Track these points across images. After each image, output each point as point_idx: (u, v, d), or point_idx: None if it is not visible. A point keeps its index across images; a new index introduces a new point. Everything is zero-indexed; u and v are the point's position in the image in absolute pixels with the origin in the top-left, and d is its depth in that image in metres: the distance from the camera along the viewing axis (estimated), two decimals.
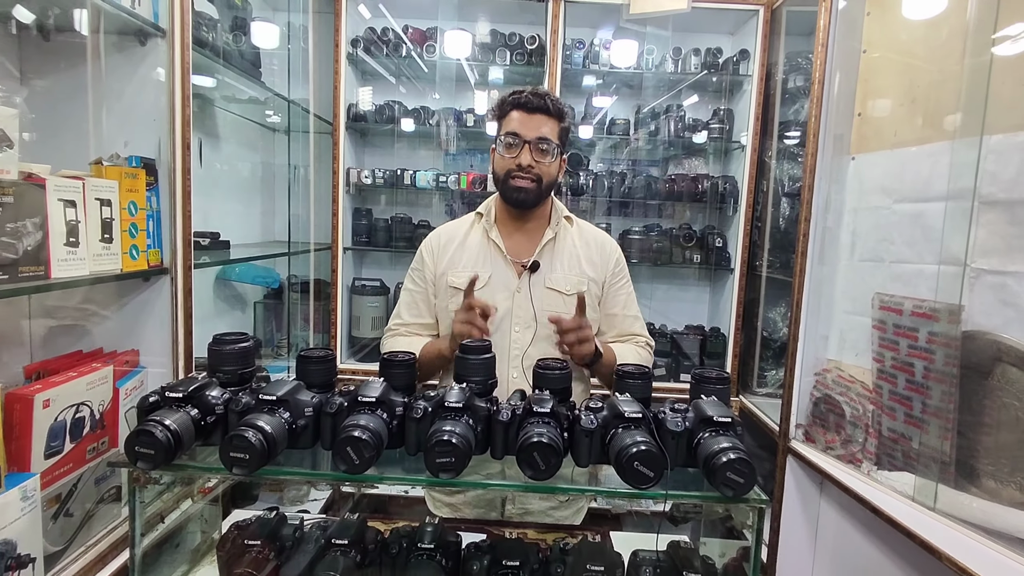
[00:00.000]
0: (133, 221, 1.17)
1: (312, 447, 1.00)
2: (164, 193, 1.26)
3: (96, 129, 1.21)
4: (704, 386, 1.06)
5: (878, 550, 1.47)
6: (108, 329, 1.28)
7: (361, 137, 2.71)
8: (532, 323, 1.38)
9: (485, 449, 1.00)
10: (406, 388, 1.06)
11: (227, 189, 2.26)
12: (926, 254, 1.39)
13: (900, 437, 1.42)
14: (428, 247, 1.47)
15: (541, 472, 0.90)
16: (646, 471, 0.88)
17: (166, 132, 1.23)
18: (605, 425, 0.96)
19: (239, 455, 0.89)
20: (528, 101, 1.33)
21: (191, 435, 0.94)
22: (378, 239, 2.57)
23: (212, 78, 1.94)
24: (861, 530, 1.54)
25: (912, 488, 1.35)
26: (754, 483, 0.88)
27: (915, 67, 1.46)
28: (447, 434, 0.90)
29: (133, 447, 0.89)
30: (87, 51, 1.20)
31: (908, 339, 1.39)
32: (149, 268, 1.24)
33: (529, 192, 1.35)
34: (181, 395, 0.97)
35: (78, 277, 1.06)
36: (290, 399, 0.97)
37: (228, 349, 1.07)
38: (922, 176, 1.41)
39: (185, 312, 1.28)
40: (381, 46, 2.43)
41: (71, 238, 1.06)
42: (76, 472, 1.11)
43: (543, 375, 1.07)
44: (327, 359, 1.07)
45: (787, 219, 1.97)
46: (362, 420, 0.92)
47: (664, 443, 0.93)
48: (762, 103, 2.19)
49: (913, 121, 1.45)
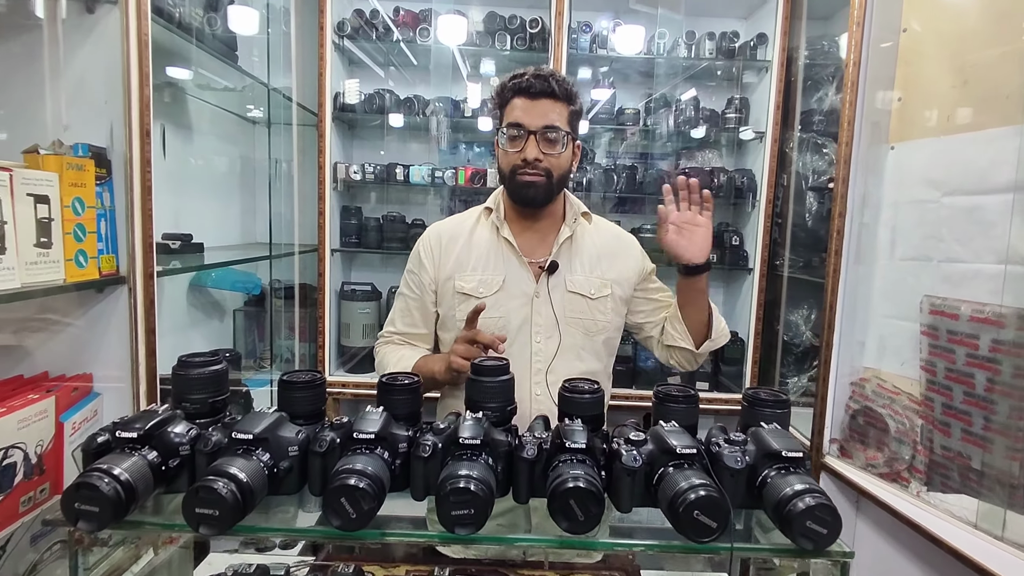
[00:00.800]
0: (79, 222, 0.98)
1: (298, 492, 0.84)
2: (119, 189, 1.07)
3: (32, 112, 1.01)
4: (759, 410, 0.91)
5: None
6: (54, 350, 1.08)
7: (349, 129, 2.53)
8: (555, 332, 1.22)
9: (507, 491, 0.85)
10: (409, 418, 0.89)
11: (201, 186, 2.06)
12: (984, 252, 1.25)
13: (956, 456, 1.28)
14: (426, 247, 1.30)
15: (580, 524, 0.75)
16: (708, 521, 0.73)
17: (120, 116, 1.04)
18: (651, 462, 0.81)
19: (207, 511, 0.72)
20: (530, 85, 1.16)
21: (148, 484, 0.77)
22: (369, 240, 2.40)
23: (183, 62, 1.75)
24: (906, 554, 1.40)
25: (974, 513, 1.21)
26: (838, 533, 0.73)
27: (967, 45, 1.32)
28: (463, 480, 0.74)
29: (72, 503, 0.72)
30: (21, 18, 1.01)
31: (966, 347, 1.25)
32: (102, 277, 1.05)
33: (539, 188, 1.19)
34: (136, 435, 0.79)
35: (4, 290, 0.87)
36: (270, 437, 0.80)
37: (195, 374, 0.90)
38: (978, 166, 1.27)
39: (147, 328, 1.10)
40: (370, 30, 2.25)
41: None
42: (6, 530, 0.92)
43: (571, 400, 0.91)
44: (314, 384, 0.90)
45: (814, 215, 1.84)
46: (359, 463, 0.76)
47: (721, 482, 0.78)
48: (782, 91, 2.05)
49: (966, 105, 1.32)
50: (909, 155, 1.46)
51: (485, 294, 1.23)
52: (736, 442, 0.83)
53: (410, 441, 0.83)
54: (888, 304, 1.50)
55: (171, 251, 1.55)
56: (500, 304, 1.23)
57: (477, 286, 1.24)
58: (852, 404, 1.56)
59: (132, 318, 1.08)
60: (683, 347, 1.27)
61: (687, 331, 1.26)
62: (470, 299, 1.22)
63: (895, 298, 1.47)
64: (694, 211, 1.21)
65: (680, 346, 1.27)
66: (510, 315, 1.23)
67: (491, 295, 1.23)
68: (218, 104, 2.11)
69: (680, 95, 2.30)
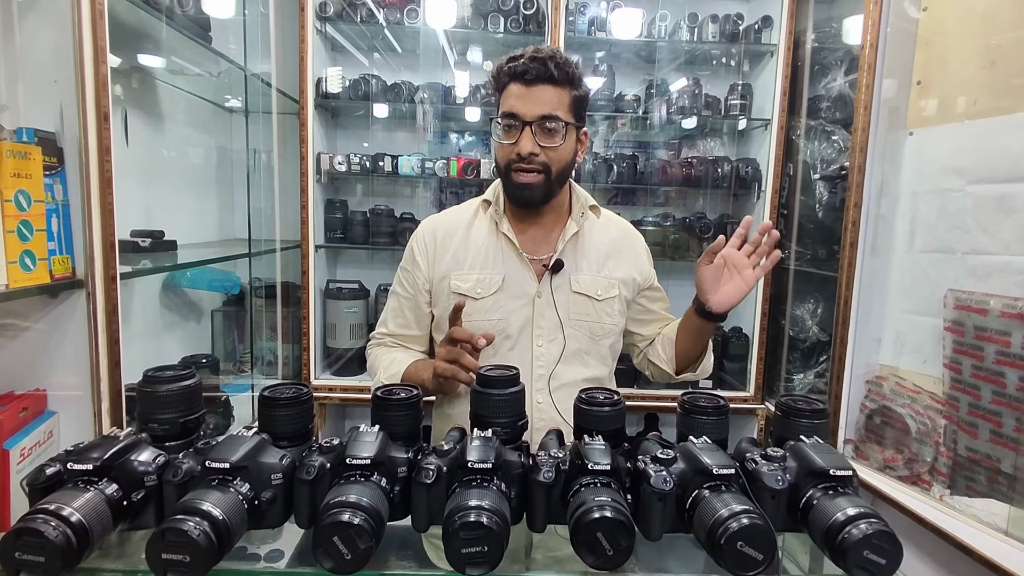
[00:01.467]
0: (24, 218, 0.85)
1: (282, 525, 0.74)
2: (74, 181, 0.94)
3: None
4: (795, 421, 0.83)
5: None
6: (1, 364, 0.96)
7: (332, 117, 2.40)
8: (558, 335, 1.13)
9: (519, 518, 0.75)
10: (409, 437, 0.79)
11: (174, 179, 1.92)
12: (1014, 243, 1.18)
13: (984, 458, 1.22)
14: (420, 243, 1.20)
15: (608, 559, 0.66)
16: (754, 553, 0.64)
17: (72, 98, 0.91)
18: (683, 484, 0.72)
19: (176, 556, 0.62)
20: (526, 70, 1.04)
21: (106, 523, 0.67)
22: (355, 235, 2.28)
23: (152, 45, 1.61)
24: (926, 560, 1.34)
25: (1005, 519, 1.15)
26: (899, 563, 0.65)
27: (994, 24, 1.25)
28: (475, 512, 0.65)
29: (12, 553, 0.61)
30: None
31: (997, 344, 1.18)
32: (54, 282, 0.92)
33: (535, 189, 1.08)
34: (92, 466, 0.69)
35: None
36: (250, 464, 0.70)
37: (163, 391, 0.80)
38: (1009, 152, 1.20)
39: (109, 337, 0.97)
40: (353, 12, 2.12)
41: None
42: None
43: (589, 413, 0.82)
44: (300, 400, 0.80)
45: (824, 205, 1.76)
46: (352, 494, 0.66)
47: (761, 504, 0.70)
48: (789, 76, 1.97)
49: (993, 88, 1.24)
50: (930, 142, 1.39)
51: (483, 294, 1.14)
52: (774, 459, 0.74)
53: (410, 465, 0.73)
54: (907, 299, 1.43)
55: (140, 250, 1.43)
56: (499, 305, 1.13)
57: (474, 286, 1.14)
58: (868, 403, 1.50)
59: (92, 326, 0.96)
60: (663, 368, 1.24)
61: (674, 357, 1.21)
62: (467, 300, 1.12)
63: (914, 292, 1.40)
64: (752, 259, 1.07)
65: (660, 367, 1.24)
66: (510, 317, 1.14)
67: (489, 296, 1.14)
68: (191, 91, 1.97)
69: (682, 80, 2.20)
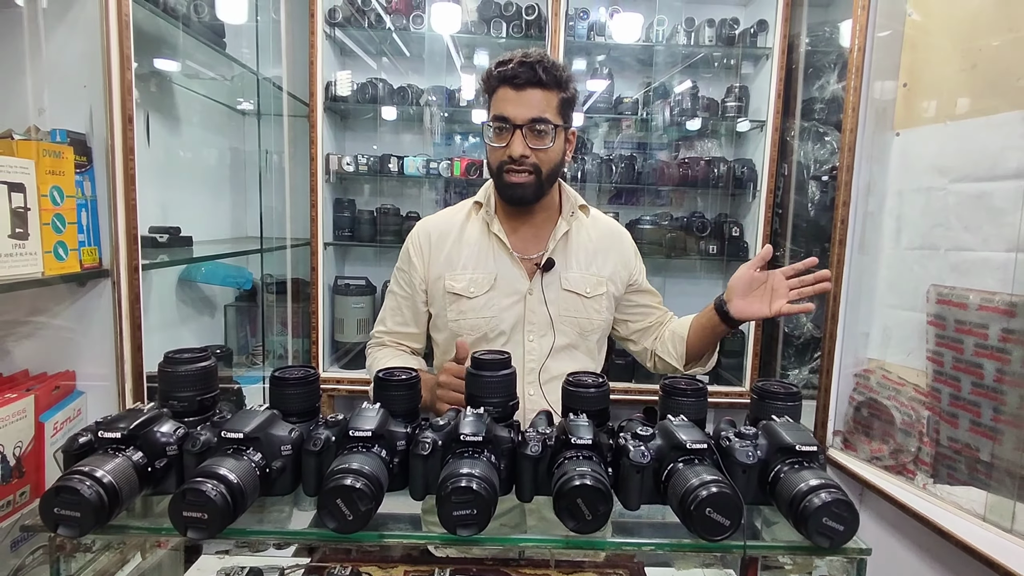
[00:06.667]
0: (58, 212, 0.93)
1: (291, 493, 0.80)
2: (101, 178, 1.02)
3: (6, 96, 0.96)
4: (770, 403, 0.88)
5: (932, 570, 1.32)
6: (34, 347, 1.03)
7: (341, 120, 2.47)
8: (548, 331, 1.18)
9: (509, 489, 0.81)
10: (408, 414, 0.86)
11: (190, 179, 2.01)
12: (993, 240, 1.23)
13: (964, 447, 1.26)
14: (415, 244, 1.25)
15: (587, 523, 0.71)
16: (721, 519, 0.70)
17: (100, 101, 0.99)
18: (660, 458, 0.78)
19: (195, 515, 0.69)
20: (515, 74, 1.08)
21: (133, 486, 0.73)
22: (362, 233, 2.35)
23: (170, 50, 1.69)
24: (911, 547, 1.39)
25: (983, 506, 1.20)
26: (855, 530, 0.70)
27: (976, 28, 1.29)
28: (465, 478, 0.71)
29: (52, 508, 0.68)
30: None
31: (975, 337, 1.23)
32: (83, 271, 1.00)
33: (526, 188, 1.13)
34: (120, 434, 0.76)
35: None
36: (261, 435, 0.77)
37: (183, 371, 0.86)
38: (988, 152, 1.24)
39: (132, 323, 1.05)
40: (361, 18, 2.19)
41: None
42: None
43: (575, 394, 0.88)
44: (308, 380, 0.86)
45: (816, 204, 1.81)
46: (355, 462, 0.73)
47: (732, 478, 0.75)
48: (783, 79, 2.02)
49: (975, 90, 1.29)
50: (915, 142, 1.43)
51: (476, 293, 1.19)
52: (747, 436, 0.80)
53: (408, 438, 0.79)
54: (893, 294, 1.47)
55: (158, 245, 1.50)
56: (492, 303, 1.19)
57: (467, 285, 1.19)
58: (856, 396, 1.54)
59: (116, 313, 1.03)
60: (670, 363, 1.27)
61: (684, 354, 1.24)
62: (461, 299, 1.18)
63: (900, 288, 1.45)
64: (792, 292, 1.09)
65: (668, 362, 1.27)
66: (502, 314, 1.19)
67: (482, 294, 1.19)
68: (206, 94, 2.06)
69: (679, 83, 2.25)
